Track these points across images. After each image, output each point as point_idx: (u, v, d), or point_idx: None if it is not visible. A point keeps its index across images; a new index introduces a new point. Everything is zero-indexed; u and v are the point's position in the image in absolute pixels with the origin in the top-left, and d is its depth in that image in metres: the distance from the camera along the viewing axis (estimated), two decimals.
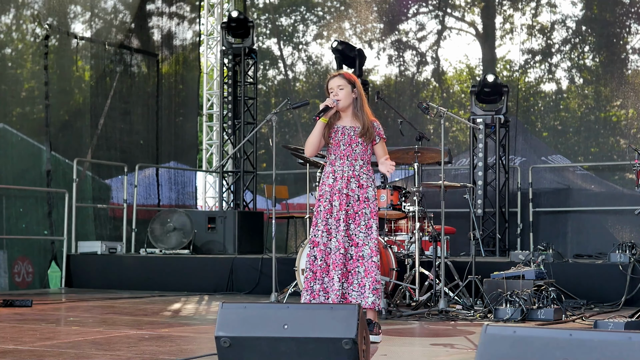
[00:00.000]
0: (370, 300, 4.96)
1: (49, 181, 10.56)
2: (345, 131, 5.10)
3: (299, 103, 7.03)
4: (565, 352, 2.68)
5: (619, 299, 7.45)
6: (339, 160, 5.11)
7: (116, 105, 12.03)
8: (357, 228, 5.04)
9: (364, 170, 5.11)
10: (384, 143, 5.19)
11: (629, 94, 11.62)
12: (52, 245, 10.48)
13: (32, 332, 5.54)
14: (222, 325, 3.41)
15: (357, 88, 5.15)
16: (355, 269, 5.02)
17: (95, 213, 11.27)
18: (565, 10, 12.40)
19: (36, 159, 10.72)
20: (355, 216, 5.06)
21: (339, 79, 5.14)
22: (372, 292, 4.97)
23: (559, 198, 11.54)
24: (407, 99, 12.77)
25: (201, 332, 5.77)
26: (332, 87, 5.14)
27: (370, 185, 5.11)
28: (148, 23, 12.91)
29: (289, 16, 14.72)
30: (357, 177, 5.08)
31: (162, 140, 12.75)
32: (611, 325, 5.38)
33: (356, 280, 5.01)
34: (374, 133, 5.11)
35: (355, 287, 5.00)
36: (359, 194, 5.07)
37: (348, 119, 5.14)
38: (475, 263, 7.30)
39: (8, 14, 11.06)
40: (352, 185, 5.07)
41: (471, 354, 4.66)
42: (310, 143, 5.10)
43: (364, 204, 5.07)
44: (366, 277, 4.99)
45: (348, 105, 5.13)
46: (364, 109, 5.14)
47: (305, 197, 8.40)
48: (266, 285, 8.55)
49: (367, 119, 5.11)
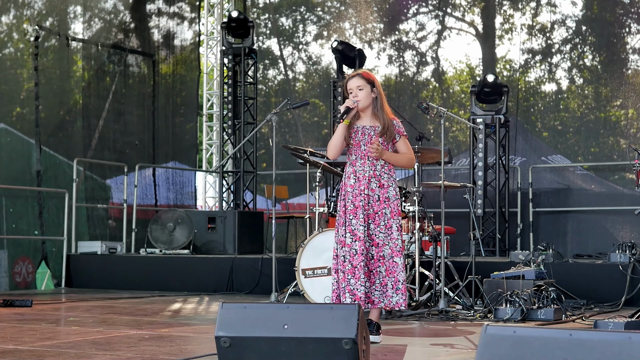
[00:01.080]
0: (394, 300, 4.96)
1: (40, 181, 10.55)
2: (366, 131, 5.08)
3: (299, 103, 7.05)
4: (565, 352, 2.68)
5: (619, 299, 7.45)
6: (360, 160, 5.09)
7: (114, 105, 12.03)
8: (377, 228, 5.03)
9: (384, 169, 5.08)
10: (405, 140, 5.16)
11: (629, 94, 11.62)
12: (42, 245, 10.47)
13: (32, 332, 5.54)
14: (222, 325, 3.41)
15: (376, 87, 5.11)
16: (376, 269, 5.01)
17: (89, 213, 11.26)
18: (565, 10, 12.41)
19: (32, 159, 10.71)
20: (375, 216, 5.04)
21: (357, 79, 5.10)
22: (396, 292, 4.96)
23: (559, 198, 11.54)
24: (407, 99, 12.77)
25: (201, 332, 5.77)
26: (352, 88, 5.11)
27: (391, 185, 5.08)
28: (148, 23, 12.91)
29: (289, 16, 14.72)
30: (377, 177, 5.07)
31: (159, 141, 12.75)
32: (611, 325, 5.38)
33: (378, 280, 5.01)
34: (394, 132, 5.09)
35: (377, 287, 5.00)
36: (379, 193, 5.05)
37: (368, 118, 5.12)
38: (475, 263, 7.30)
39: (8, 14, 11.07)
40: (372, 185, 5.05)
41: (471, 354, 4.66)
42: (333, 146, 5.07)
43: (384, 204, 5.04)
44: (387, 276, 4.99)
45: (368, 105, 5.09)
46: (384, 108, 5.10)
47: (305, 197, 8.40)
48: (266, 285, 8.55)
49: (387, 118, 5.08)
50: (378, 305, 5.05)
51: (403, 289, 4.99)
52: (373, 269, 5.01)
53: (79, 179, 10.68)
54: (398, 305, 4.98)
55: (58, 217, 10.54)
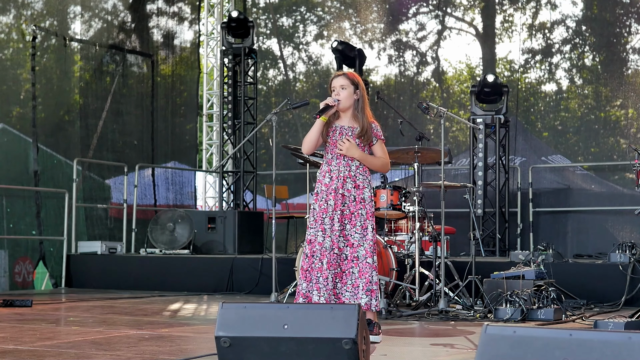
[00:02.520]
0: (363, 302, 4.91)
1: (37, 181, 10.54)
2: (343, 131, 5.08)
3: (299, 103, 7.03)
4: (565, 352, 2.68)
5: (619, 299, 7.45)
6: (336, 159, 5.08)
7: (113, 105, 12.02)
8: (352, 229, 5.01)
9: (360, 170, 5.07)
10: (382, 144, 5.13)
11: (629, 94, 11.62)
12: (40, 245, 10.47)
13: (32, 332, 5.54)
14: (222, 325, 3.41)
15: (359, 89, 5.10)
16: (349, 270, 4.98)
17: (87, 213, 11.26)
18: (565, 10, 12.41)
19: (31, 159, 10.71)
20: (352, 217, 5.02)
21: (342, 78, 5.11)
22: (366, 294, 4.92)
23: (559, 198, 11.54)
24: (407, 99, 12.77)
25: (201, 332, 5.77)
26: (335, 86, 5.11)
27: (366, 187, 5.07)
28: (148, 23, 12.91)
29: (289, 16, 14.73)
30: (353, 178, 5.05)
31: (158, 141, 12.75)
32: (611, 325, 5.38)
33: (350, 281, 4.97)
34: (371, 135, 5.07)
35: (348, 288, 4.96)
36: (355, 194, 5.04)
37: (347, 119, 5.12)
38: (475, 263, 7.30)
39: (8, 14, 11.07)
40: (347, 185, 5.04)
41: (471, 354, 4.66)
42: (308, 140, 5.07)
43: (360, 205, 5.03)
44: (360, 278, 4.95)
45: (349, 106, 5.10)
46: (364, 111, 5.10)
47: (305, 197, 8.40)
48: (266, 285, 8.55)
49: (367, 121, 5.07)
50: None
51: (374, 291, 4.95)
52: (346, 270, 4.99)
53: (79, 179, 10.68)
54: (367, 307, 4.90)
55: (56, 217, 10.53)
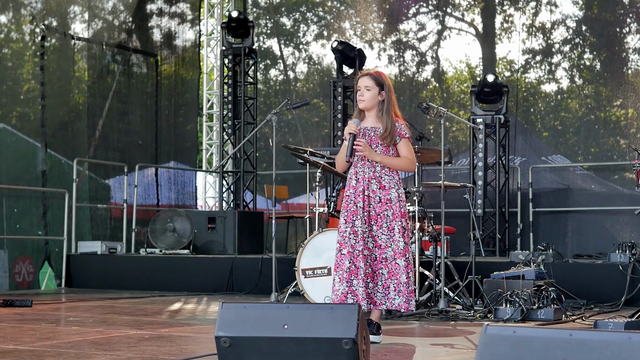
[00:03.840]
0: (396, 302, 4.94)
1: (45, 181, 10.55)
2: (367, 132, 5.05)
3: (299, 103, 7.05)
4: (565, 352, 2.68)
5: (619, 299, 7.45)
6: (360, 161, 5.07)
7: (115, 105, 12.02)
8: (379, 230, 5.01)
9: (385, 171, 5.04)
10: (407, 142, 5.08)
11: (629, 94, 11.62)
12: (45, 245, 10.47)
13: (32, 332, 5.54)
14: (222, 325, 3.41)
15: (385, 90, 5.04)
16: (379, 271, 5.00)
17: (91, 213, 11.26)
18: (566, 10, 12.41)
19: (35, 159, 10.72)
20: (377, 218, 5.01)
21: (367, 79, 5.05)
22: (398, 294, 4.94)
23: (559, 198, 11.54)
24: (407, 99, 12.77)
25: (201, 332, 5.77)
26: (360, 87, 5.07)
27: (393, 187, 5.04)
28: (148, 23, 12.91)
29: (289, 16, 14.73)
30: (378, 179, 5.03)
31: (161, 141, 12.75)
32: (611, 325, 5.38)
33: (380, 282, 5.00)
34: (395, 134, 5.04)
35: (379, 289, 4.99)
36: (381, 195, 5.02)
37: (371, 119, 5.08)
38: (475, 263, 7.30)
39: (8, 14, 11.07)
40: (372, 186, 5.03)
41: (471, 354, 4.66)
42: (340, 159, 5.11)
43: (385, 206, 5.01)
44: (390, 279, 4.97)
45: (372, 106, 5.05)
46: (389, 112, 5.03)
47: (305, 197, 8.39)
48: (266, 285, 8.54)
49: (390, 122, 5.02)
50: (380, 307, 5.04)
51: (405, 292, 4.96)
52: (376, 270, 5.01)
53: (81, 179, 10.68)
54: (399, 308, 4.96)
55: (61, 217, 10.55)
